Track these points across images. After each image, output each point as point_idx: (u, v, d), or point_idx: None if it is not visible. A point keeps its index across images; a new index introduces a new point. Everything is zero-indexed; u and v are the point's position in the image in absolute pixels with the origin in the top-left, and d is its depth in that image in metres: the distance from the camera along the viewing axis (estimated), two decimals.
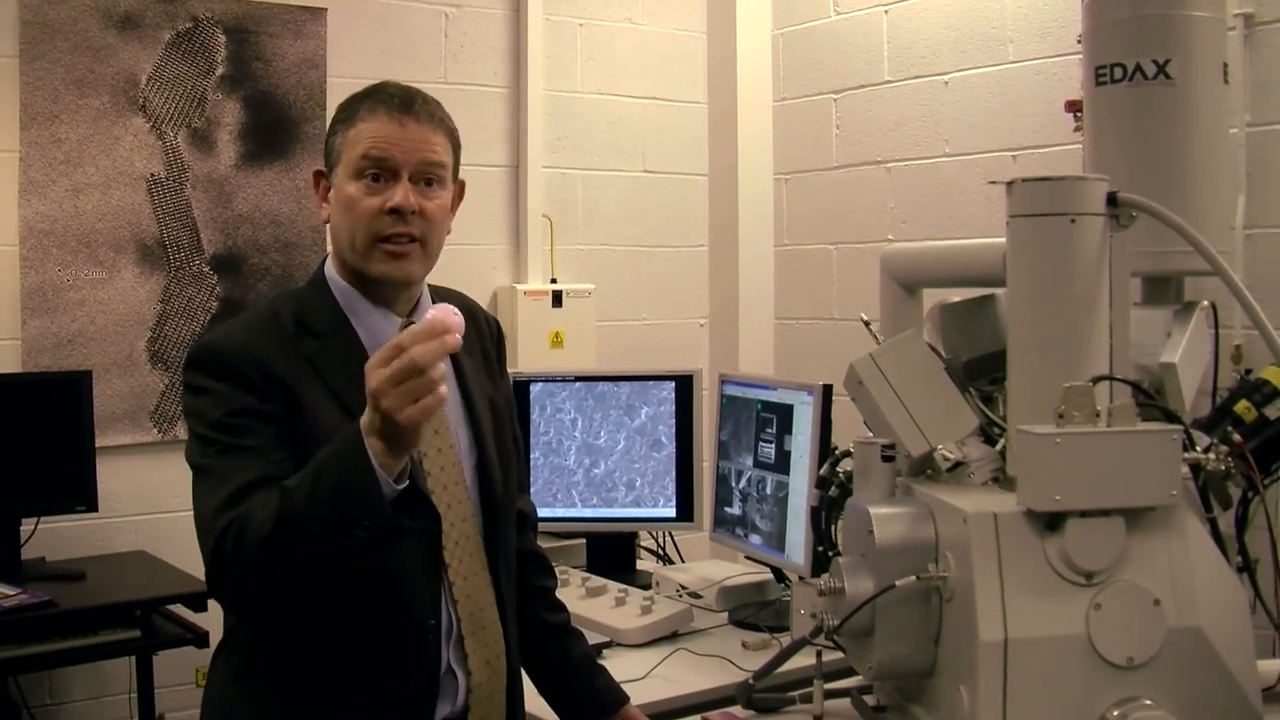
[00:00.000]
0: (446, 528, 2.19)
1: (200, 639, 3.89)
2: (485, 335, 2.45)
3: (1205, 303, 2.54)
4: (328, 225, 2.23)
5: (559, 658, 2.52)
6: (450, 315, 1.90)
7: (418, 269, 2.20)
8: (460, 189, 2.29)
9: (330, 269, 2.25)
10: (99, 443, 4.18)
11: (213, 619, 3.90)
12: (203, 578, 3.96)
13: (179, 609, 3.99)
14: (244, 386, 2.08)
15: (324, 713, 2.12)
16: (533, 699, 2.53)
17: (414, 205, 2.13)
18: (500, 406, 2.41)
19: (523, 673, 2.43)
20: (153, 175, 4.41)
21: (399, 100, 2.17)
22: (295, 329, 2.17)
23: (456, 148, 2.25)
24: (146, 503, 4.41)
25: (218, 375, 2.09)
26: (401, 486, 1.91)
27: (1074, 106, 3.75)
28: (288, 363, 2.11)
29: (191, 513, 2.04)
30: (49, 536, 4.12)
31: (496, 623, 2.27)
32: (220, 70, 4.52)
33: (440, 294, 2.34)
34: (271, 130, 4.62)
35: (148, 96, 4.39)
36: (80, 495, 4.12)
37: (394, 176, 2.14)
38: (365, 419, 1.88)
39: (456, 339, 1.87)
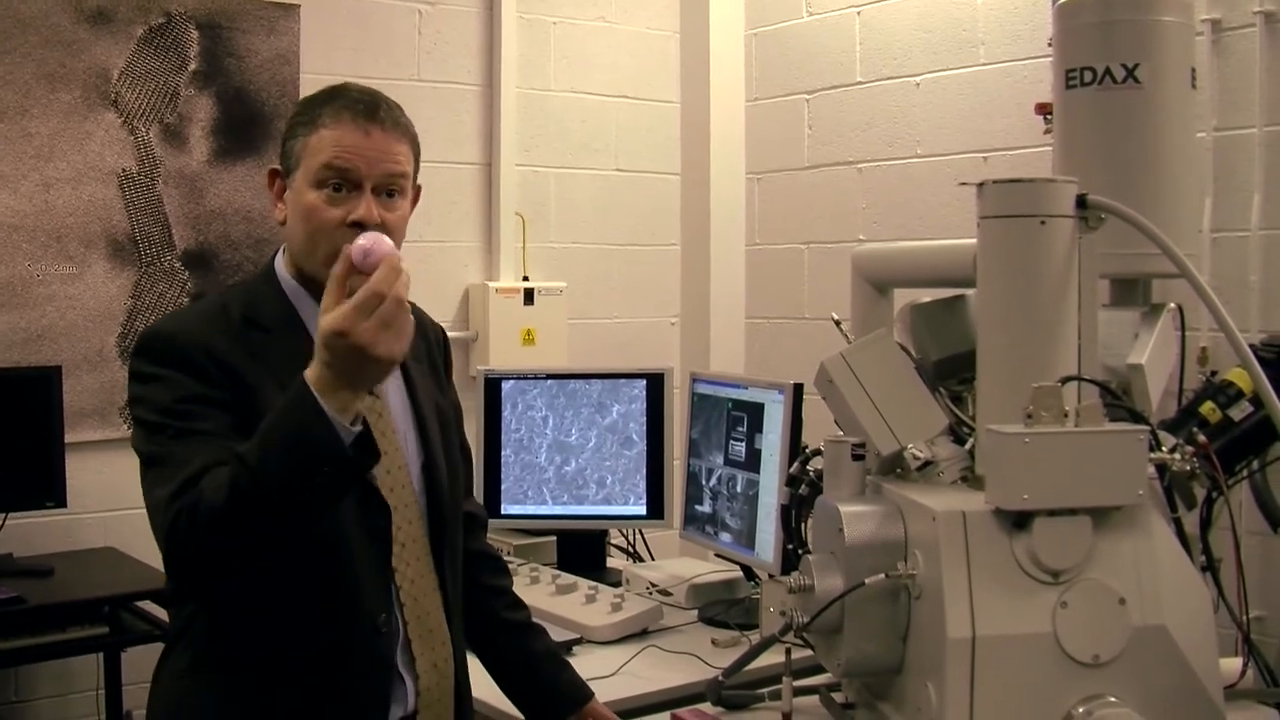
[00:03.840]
0: (394, 529, 2.18)
1: (168, 636, 3.88)
2: (432, 343, 2.46)
3: (1172, 305, 2.56)
4: (282, 226, 2.20)
5: (521, 655, 2.53)
6: (383, 242, 1.92)
7: None
8: (417, 194, 2.26)
9: (281, 266, 2.23)
10: (68, 438, 4.16)
11: None
12: None
13: (147, 605, 3.98)
14: (194, 373, 2.05)
15: (276, 710, 2.11)
16: (500, 699, 2.54)
17: (377, 219, 2.10)
18: (448, 414, 2.40)
19: (470, 676, 2.41)
20: (124, 170, 4.39)
21: (364, 107, 2.13)
22: (243, 323, 2.15)
23: (417, 154, 2.23)
24: (116, 499, 4.38)
25: (166, 362, 2.07)
26: (357, 430, 1.89)
27: (1044, 109, 3.77)
28: (236, 353, 2.10)
29: None
30: (17, 532, 4.10)
31: (443, 626, 2.27)
32: (193, 66, 4.51)
33: None
34: (244, 126, 4.61)
35: (119, 91, 4.38)
36: (49, 491, 4.10)
37: (356, 187, 2.10)
38: (312, 372, 1.86)
39: (399, 260, 1.89)
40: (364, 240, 1.92)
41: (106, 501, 4.37)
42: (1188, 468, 2.11)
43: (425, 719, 2.22)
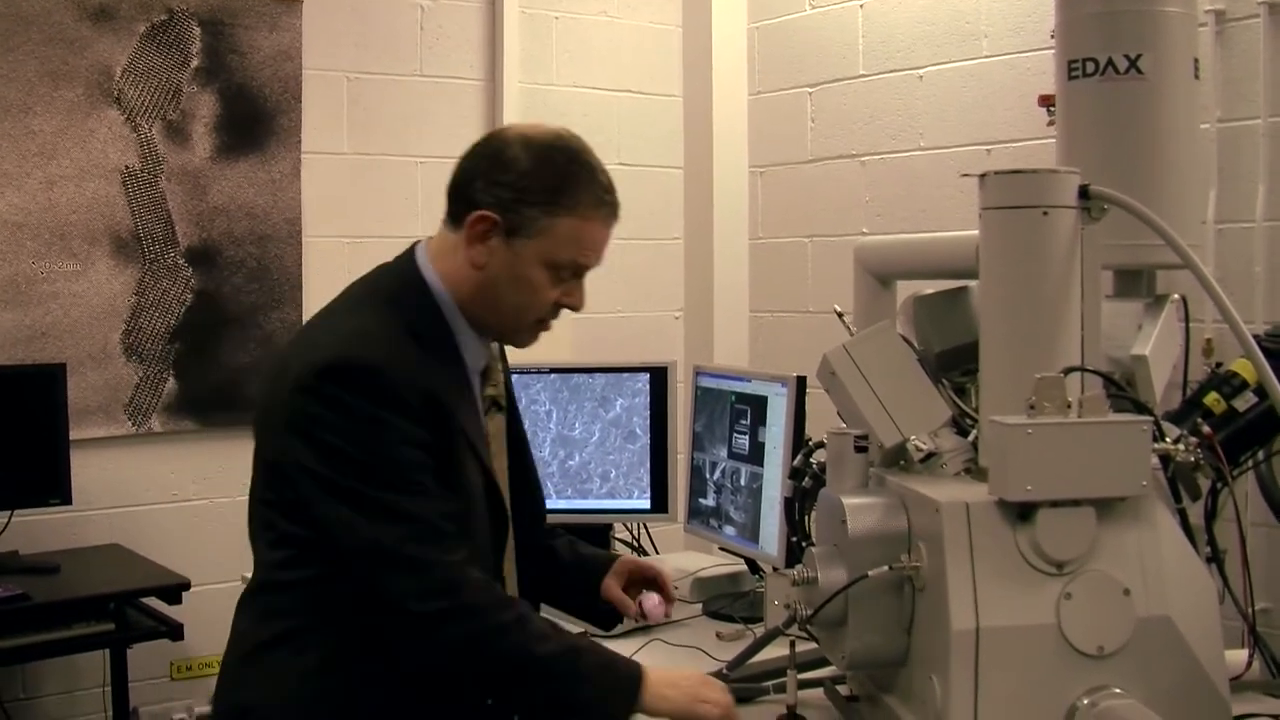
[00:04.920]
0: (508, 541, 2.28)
1: (174, 631, 3.89)
2: (503, 359, 2.50)
3: (1176, 296, 2.56)
4: (475, 269, 2.18)
5: (543, 555, 2.54)
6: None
7: None
8: None
9: (433, 278, 2.22)
10: (73, 436, 4.17)
11: (187, 611, 3.92)
12: (179, 569, 3.96)
13: (153, 602, 3.98)
14: (411, 416, 2.07)
15: (409, 707, 2.14)
16: None
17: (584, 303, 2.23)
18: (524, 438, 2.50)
19: None
20: (127, 168, 4.39)
21: (613, 205, 2.22)
22: (413, 340, 2.15)
23: None
24: (120, 496, 4.40)
25: (381, 403, 2.05)
26: None
27: (1047, 101, 3.76)
28: (437, 383, 2.13)
29: (168, 505, 2.04)
30: (23, 530, 4.11)
31: None
32: (195, 63, 4.51)
33: None
34: (247, 123, 4.61)
35: (122, 89, 4.38)
36: (54, 489, 4.10)
37: (577, 275, 2.20)
38: (662, 696, 2.10)
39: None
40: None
41: (111, 499, 4.38)
42: (1192, 458, 2.10)
43: None
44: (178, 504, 4.50)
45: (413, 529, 2.03)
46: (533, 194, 2.16)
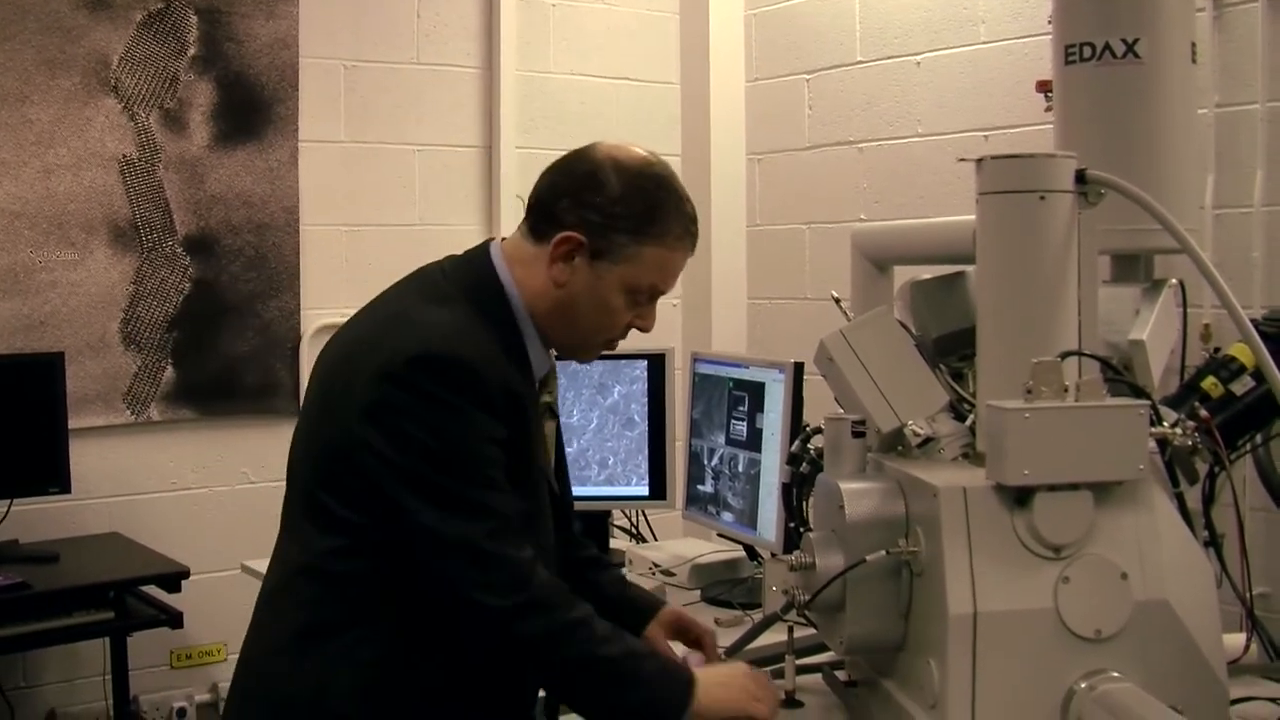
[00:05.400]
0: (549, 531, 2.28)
1: (174, 620, 3.89)
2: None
3: (1174, 281, 2.56)
4: (556, 287, 2.18)
5: (590, 588, 2.45)
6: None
7: None
8: None
9: (510, 282, 2.21)
10: (71, 425, 4.17)
11: (186, 600, 3.92)
12: (178, 557, 3.97)
13: (153, 590, 3.99)
14: (494, 414, 2.07)
15: (471, 695, 2.15)
16: None
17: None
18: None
19: None
20: (125, 156, 4.39)
21: (696, 237, 2.26)
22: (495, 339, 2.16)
23: None
24: (120, 484, 4.40)
25: (466, 394, 2.05)
26: None
27: (1045, 86, 3.76)
28: (519, 385, 2.14)
29: (167, 494, 2.03)
30: (22, 519, 4.11)
31: None
32: (192, 51, 4.50)
33: None
34: (244, 111, 4.60)
35: (119, 77, 4.38)
36: (53, 477, 4.11)
37: (652, 300, 2.24)
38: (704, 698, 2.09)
39: None
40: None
41: (111, 487, 4.39)
42: (1189, 442, 2.10)
43: None
44: (177, 493, 4.50)
45: (489, 524, 2.04)
46: (622, 221, 2.16)
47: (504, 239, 2.29)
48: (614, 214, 2.16)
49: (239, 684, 2.23)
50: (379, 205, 4.83)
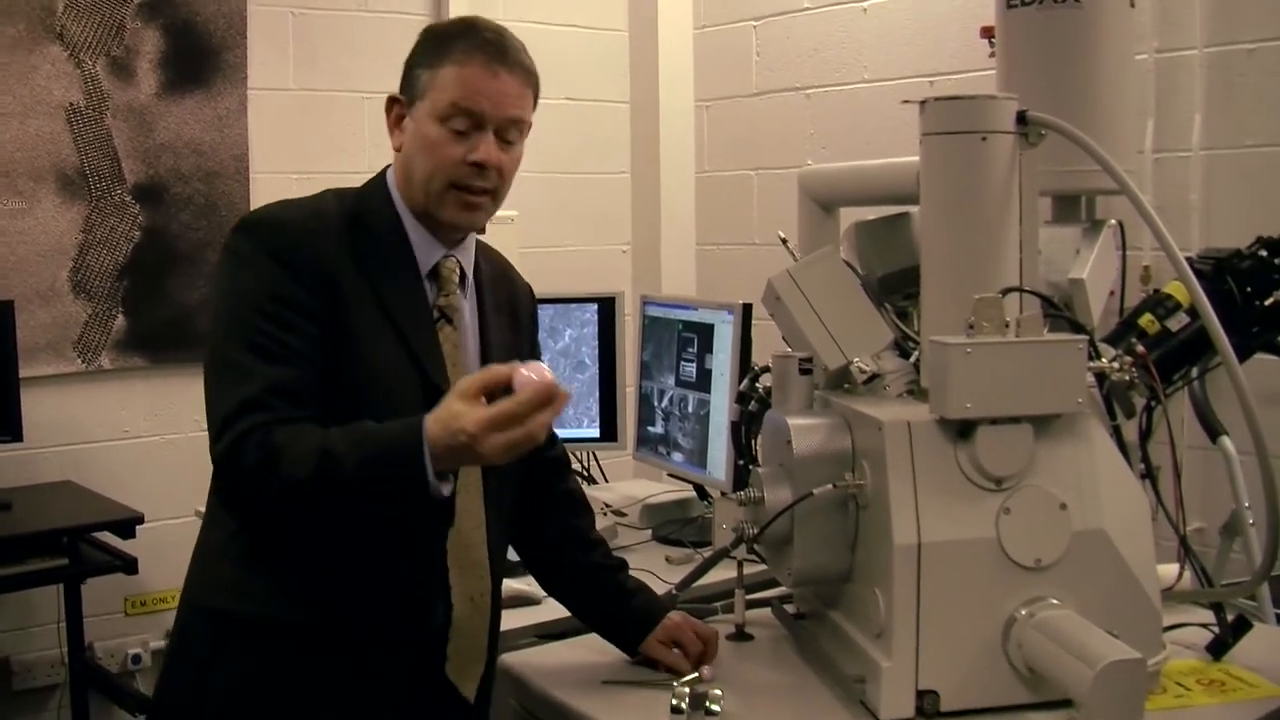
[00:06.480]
0: None
1: (129, 565, 3.90)
2: (519, 298, 2.47)
3: (1113, 222, 2.62)
4: (397, 152, 2.23)
5: (593, 596, 2.49)
6: (545, 374, 1.91)
7: (485, 219, 2.25)
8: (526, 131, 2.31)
9: (393, 184, 2.24)
10: (23, 374, 4.15)
11: (140, 546, 3.94)
12: (131, 505, 3.97)
13: (107, 537, 3.99)
14: (292, 274, 2.07)
15: (329, 602, 2.12)
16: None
17: (496, 161, 2.17)
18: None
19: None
20: (71, 104, 4.37)
21: (495, 49, 2.17)
22: (350, 220, 2.17)
23: (537, 97, 2.28)
24: (72, 433, 4.40)
25: (269, 253, 2.08)
26: (447, 494, 1.95)
27: (989, 33, 3.79)
28: (336, 256, 2.12)
29: (120, 442, 2.03)
30: None
31: (485, 563, 2.26)
32: None
33: (482, 249, 2.37)
34: (192, 59, 4.58)
35: (65, 24, 4.35)
36: (5, 426, 4.08)
37: (479, 128, 2.16)
38: (439, 428, 1.89)
39: (563, 402, 1.91)
40: (528, 372, 1.92)
41: (63, 436, 4.38)
42: (1126, 377, 2.17)
43: (457, 647, 2.22)
44: (129, 440, 4.50)
45: (244, 389, 2.01)
46: (419, 59, 2.22)
47: None
48: (413, 59, 2.23)
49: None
50: (329, 152, 4.82)
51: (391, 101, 2.25)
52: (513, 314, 2.42)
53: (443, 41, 2.20)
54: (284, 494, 1.96)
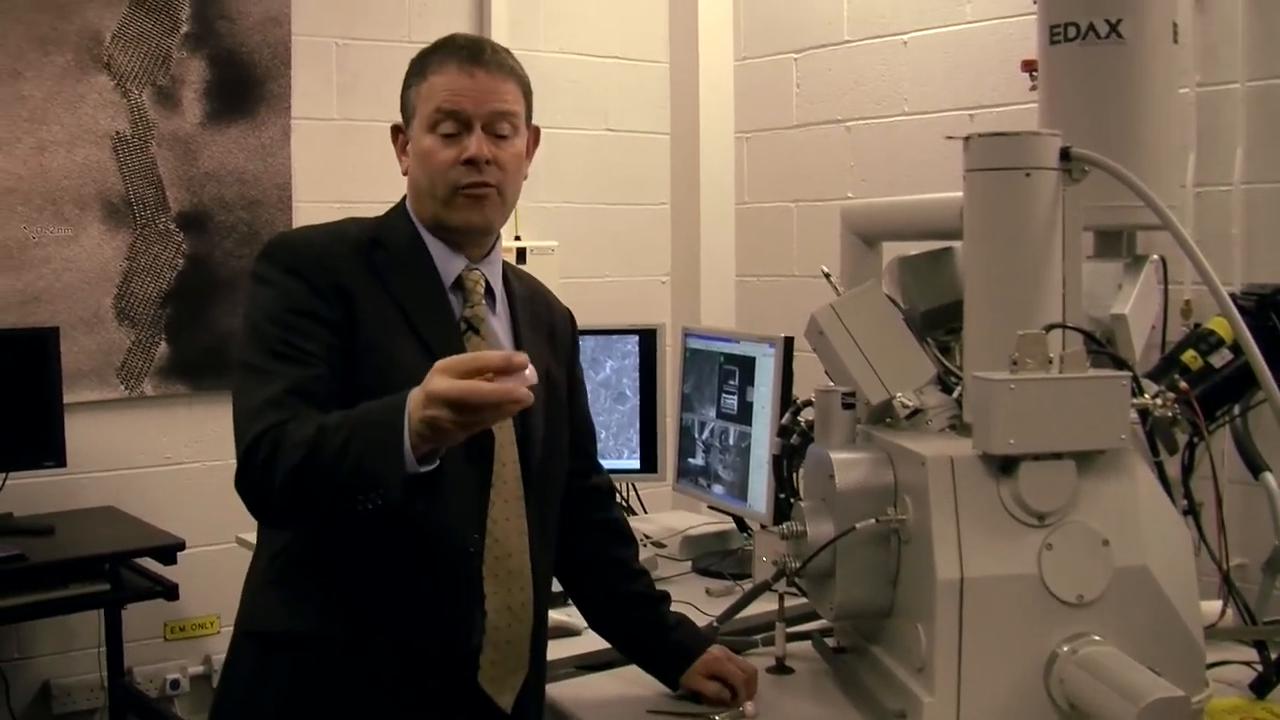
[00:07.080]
0: (497, 467, 2.21)
1: (169, 591, 3.92)
2: (558, 316, 2.50)
3: (1155, 257, 2.61)
4: (406, 176, 2.31)
5: (634, 627, 2.51)
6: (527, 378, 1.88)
7: (496, 215, 2.28)
8: (535, 135, 2.36)
9: (410, 207, 2.31)
10: (66, 399, 4.20)
11: (181, 573, 3.96)
12: (172, 531, 4.00)
13: (148, 563, 4.02)
14: (310, 288, 2.13)
15: (362, 623, 2.14)
16: None
17: (488, 155, 2.21)
18: (556, 382, 2.40)
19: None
20: (118, 133, 4.41)
21: (467, 51, 2.23)
22: (368, 243, 2.23)
23: (528, 95, 2.31)
24: (114, 459, 4.43)
25: (286, 270, 2.15)
26: (428, 468, 1.92)
27: (1030, 66, 3.80)
28: (354, 272, 2.17)
29: (161, 468, 2.06)
30: (17, 492, 4.14)
31: (526, 572, 2.25)
32: (185, 28, 4.52)
33: (515, 272, 2.42)
34: (236, 88, 4.63)
35: (112, 54, 4.40)
36: (48, 451, 4.13)
37: (467, 128, 2.21)
38: (421, 401, 1.87)
39: (527, 393, 1.84)
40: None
41: (105, 461, 4.42)
42: (1169, 413, 2.16)
43: (492, 657, 2.20)
44: (170, 467, 4.53)
45: (270, 388, 2.05)
46: (406, 82, 2.30)
47: None
48: (404, 85, 2.31)
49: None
50: (371, 182, 4.82)
51: (395, 130, 2.34)
52: (550, 334, 2.44)
53: (423, 59, 2.29)
54: (284, 483, 1.97)
